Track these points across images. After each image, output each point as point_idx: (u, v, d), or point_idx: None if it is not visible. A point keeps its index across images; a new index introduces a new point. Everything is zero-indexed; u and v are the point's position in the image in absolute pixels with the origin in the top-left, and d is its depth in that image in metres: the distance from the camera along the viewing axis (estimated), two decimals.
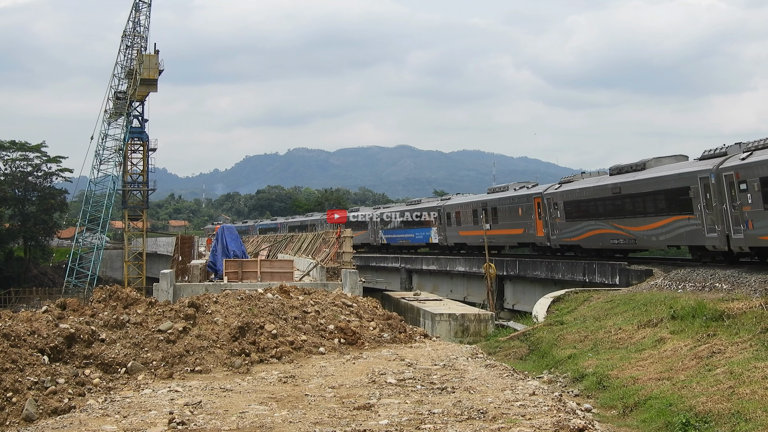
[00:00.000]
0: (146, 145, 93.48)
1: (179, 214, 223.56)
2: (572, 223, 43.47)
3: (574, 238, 43.40)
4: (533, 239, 48.84)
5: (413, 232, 69.20)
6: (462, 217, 58.92)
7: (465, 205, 59.15)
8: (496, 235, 52.25)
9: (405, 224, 71.02)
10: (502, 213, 52.38)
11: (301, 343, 23.81)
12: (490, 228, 50.71)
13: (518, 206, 50.18)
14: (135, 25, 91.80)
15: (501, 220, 52.39)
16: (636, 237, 37.58)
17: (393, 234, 74.18)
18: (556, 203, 45.01)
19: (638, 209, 37.46)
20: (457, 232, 59.61)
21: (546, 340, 24.93)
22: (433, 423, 14.55)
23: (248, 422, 15.07)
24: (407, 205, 74.85)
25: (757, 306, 20.92)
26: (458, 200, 62.81)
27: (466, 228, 58.02)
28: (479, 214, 55.15)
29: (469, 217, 57.69)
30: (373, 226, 77.77)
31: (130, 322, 22.83)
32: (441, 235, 62.49)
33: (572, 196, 43.61)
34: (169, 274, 36.94)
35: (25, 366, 18.05)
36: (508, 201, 52.09)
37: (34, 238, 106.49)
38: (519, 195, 50.74)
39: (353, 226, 75.43)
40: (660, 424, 14.74)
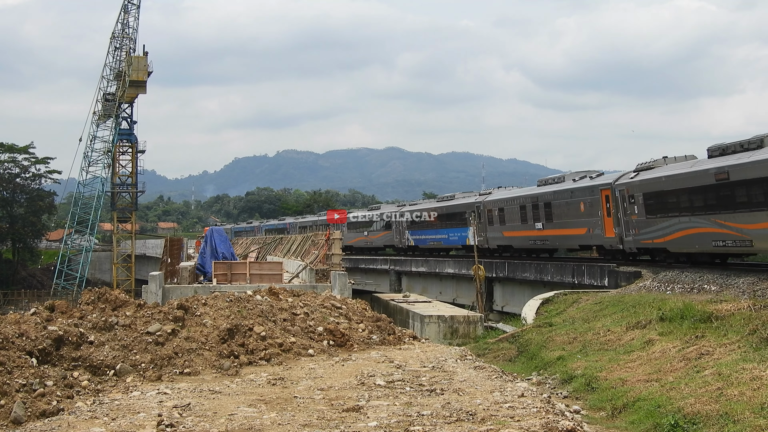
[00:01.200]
0: (135, 146, 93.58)
1: (168, 216, 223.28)
2: (656, 220, 34.96)
3: (658, 239, 35.02)
4: (600, 240, 41.04)
5: (446, 232, 60.74)
6: (507, 215, 50.61)
7: (510, 201, 50.61)
8: (551, 235, 45.45)
9: (436, 223, 62.79)
10: (559, 209, 44.31)
11: (290, 345, 23.77)
12: (542, 227, 45.52)
13: (579, 200, 42.13)
14: (124, 26, 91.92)
15: (557, 217, 44.46)
16: (752, 237, 28.84)
17: (422, 235, 65.54)
18: (632, 196, 36.73)
19: (756, 200, 28.50)
20: (501, 233, 51.61)
21: (535, 341, 24.94)
22: (422, 425, 14.55)
23: (237, 424, 15.05)
24: (437, 202, 67.00)
25: (746, 308, 20.98)
26: (501, 194, 54.07)
27: (512, 227, 50.02)
28: (529, 210, 47.73)
29: (515, 214, 49.52)
30: (398, 226, 69.79)
31: (119, 324, 22.77)
32: (481, 236, 52.86)
33: (656, 185, 35.08)
34: (158, 276, 36.87)
35: (14, 368, 17.98)
36: (566, 194, 43.80)
37: (22, 240, 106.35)
38: (581, 187, 42.60)
39: (374, 228, 74.70)
40: (648, 426, 14.77)
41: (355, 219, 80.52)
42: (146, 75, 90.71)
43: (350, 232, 78.67)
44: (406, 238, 67.99)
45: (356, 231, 79.62)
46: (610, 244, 39.77)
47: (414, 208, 68.85)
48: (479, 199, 55.69)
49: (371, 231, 76.06)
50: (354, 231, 79.70)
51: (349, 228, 79.13)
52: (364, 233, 77.71)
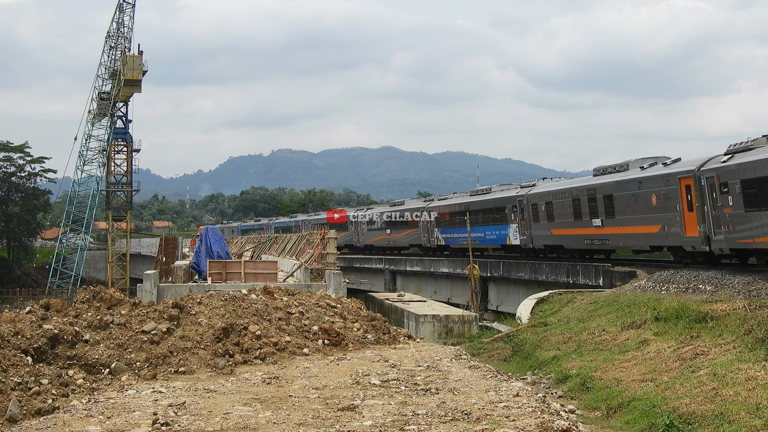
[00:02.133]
0: (130, 145, 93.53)
1: (163, 215, 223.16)
2: (759, 214, 28.12)
3: (761, 237, 28.32)
4: (677, 240, 33.87)
5: (483, 230, 53.42)
6: (556, 210, 43.41)
7: (560, 194, 43.73)
8: (613, 234, 38.64)
9: (471, 220, 52.90)
10: (623, 202, 37.34)
11: (285, 344, 23.78)
12: (601, 224, 39.06)
13: (650, 192, 35.01)
14: (119, 25, 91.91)
15: (620, 212, 37.49)
16: None
17: (453, 233, 58.07)
18: (724, 184, 29.90)
19: None
20: (549, 231, 44.57)
21: (530, 341, 24.95)
22: (417, 424, 14.55)
23: (232, 423, 15.04)
24: (471, 195, 58.68)
25: (741, 308, 20.99)
26: (548, 186, 46.90)
27: (562, 224, 43.05)
28: (584, 204, 40.88)
29: (566, 209, 42.45)
30: (426, 223, 62.42)
31: (114, 323, 22.76)
32: (524, 235, 47.53)
33: (759, 170, 28.02)
34: (153, 275, 36.82)
35: (9, 367, 17.96)
36: (632, 185, 36.78)
37: (17, 238, 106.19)
38: (652, 176, 35.40)
39: (398, 225, 68.86)
40: (643, 426, 14.78)
41: (377, 216, 75.09)
42: (141, 74, 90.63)
43: (370, 231, 75.41)
44: (435, 237, 61.19)
45: (378, 229, 74.12)
46: (692, 245, 32.85)
47: (444, 203, 62.02)
48: (521, 192, 48.57)
49: (395, 229, 69.57)
50: (375, 229, 74.84)
51: (368, 227, 76.04)
52: (387, 231, 71.53)
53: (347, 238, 78.56)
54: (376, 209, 79.82)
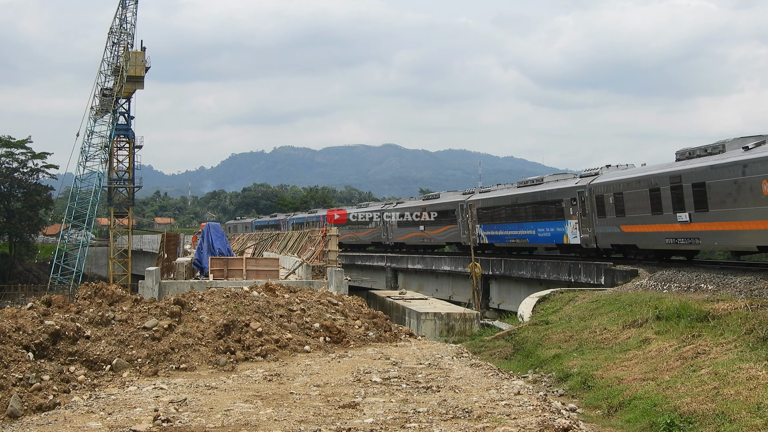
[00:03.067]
0: (132, 142, 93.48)
1: (165, 212, 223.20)
2: None
3: None
4: None
5: (534, 227, 46.63)
6: (628, 202, 36.22)
7: (633, 183, 36.11)
8: (705, 231, 31.80)
9: (519, 215, 48.43)
10: (720, 192, 30.30)
11: (286, 342, 23.78)
12: (689, 219, 32.25)
13: (761, 178, 27.75)
14: (121, 22, 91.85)
15: (716, 204, 30.57)
16: None
17: (499, 230, 51.68)
18: None
19: None
20: (618, 227, 37.29)
21: (531, 339, 24.96)
22: (418, 422, 14.56)
23: (233, 420, 15.06)
24: (519, 187, 50.92)
25: (742, 307, 20.99)
26: (617, 175, 39.15)
27: (635, 220, 35.70)
28: (665, 195, 33.86)
29: (641, 201, 35.17)
30: (466, 219, 54.06)
31: (116, 319, 22.77)
32: (586, 232, 40.84)
33: None
34: (155, 272, 36.83)
35: (10, 362, 17.97)
36: (732, 170, 29.63)
37: (19, 234, 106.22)
38: (764, 157, 27.91)
39: (433, 221, 61.83)
40: (644, 425, 14.78)
41: (407, 210, 68.10)
42: (144, 70, 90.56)
43: (401, 228, 68.25)
44: (477, 235, 53.27)
45: (409, 225, 66.77)
46: None
47: (487, 195, 54.54)
48: (581, 183, 42.20)
49: (429, 225, 62.38)
50: (406, 225, 67.37)
51: (398, 222, 68.88)
52: (420, 228, 64.24)
53: (374, 236, 74.33)
54: (407, 203, 72.65)
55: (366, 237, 76.95)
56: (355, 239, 78.43)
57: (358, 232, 78.21)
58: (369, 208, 79.65)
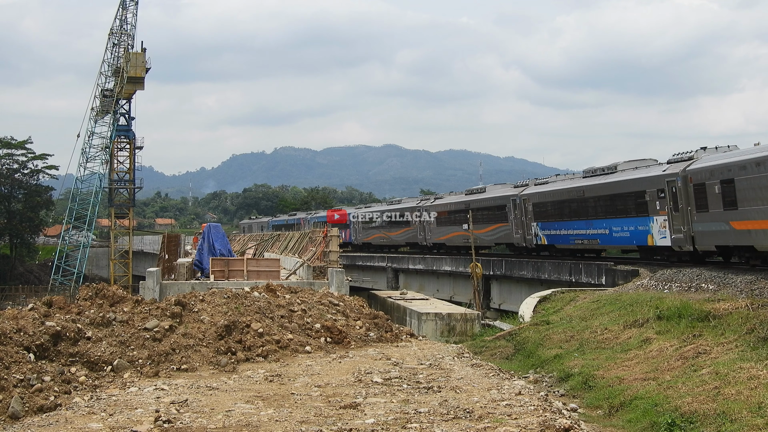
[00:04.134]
0: (133, 143, 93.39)
1: (166, 213, 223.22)
2: None
3: None
4: None
5: (607, 225, 39.08)
6: (741, 192, 29.12)
7: (751, 166, 28.65)
8: None
9: (587, 210, 40.75)
10: None
11: (287, 342, 23.80)
12: None
13: None
14: (122, 23, 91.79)
15: None
16: None
17: (560, 229, 44.12)
18: None
19: None
20: (726, 224, 30.23)
21: (532, 339, 24.96)
22: (419, 422, 14.56)
23: (234, 421, 15.07)
24: (585, 177, 43.09)
25: (743, 307, 20.99)
26: (724, 158, 31.47)
27: (755, 213, 28.52)
28: None
29: (763, 190, 28.02)
30: (520, 215, 47.88)
31: (117, 320, 22.79)
32: (679, 231, 33.68)
33: None
34: (156, 273, 36.85)
35: (11, 364, 17.99)
36: None
37: (19, 235, 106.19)
38: None
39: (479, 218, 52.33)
40: (645, 424, 14.79)
41: (448, 207, 60.07)
42: (144, 71, 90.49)
43: (441, 227, 60.44)
44: (532, 234, 47.00)
45: (449, 224, 59.08)
46: None
47: (545, 188, 46.85)
48: (672, 170, 34.36)
49: (474, 223, 51.18)
50: (447, 224, 59.62)
51: (437, 221, 61.15)
52: (462, 227, 54.25)
53: (409, 236, 67.43)
54: (448, 198, 63.89)
55: (399, 237, 70.30)
56: (387, 240, 72.72)
57: (390, 231, 71.52)
58: (403, 204, 71.76)
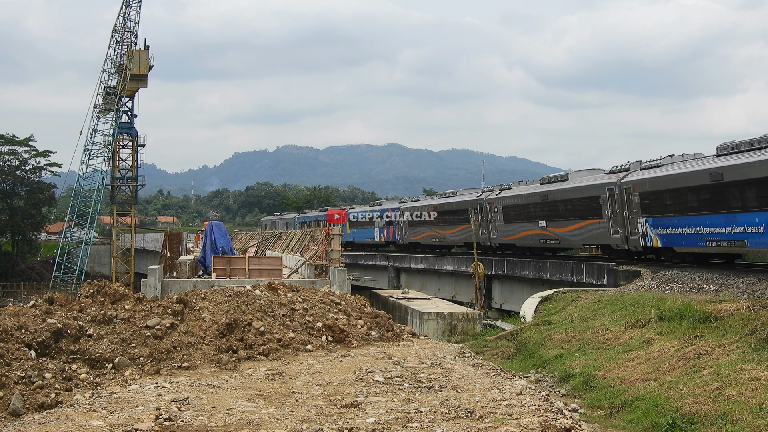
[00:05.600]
0: (135, 140, 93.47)
1: (168, 210, 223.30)
2: None
3: None
4: None
5: (745, 221, 29.30)
6: None
7: None
8: None
9: (724, 201, 30.63)
10: None
11: (288, 341, 23.79)
12: None
13: None
14: (125, 20, 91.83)
15: None
16: None
17: (685, 226, 33.23)
18: None
19: None
20: None
21: (533, 339, 24.95)
22: (421, 421, 14.55)
23: (235, 419, 15.06)
24: (721, 156, 31.82)
25: (745, 308, 20.98)
26: None
27: None
28: None
29: None
30: (620, 207, 37.63)
31: (118, 318, 22.79)
32: None
33: None
34: (157, 270, 36.86)
35: (12, 360, 17.99)
36: None
37: (21, 232, 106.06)
38: None
39: (562, 213, 44.15)
40: (646, 425, 14.78)
41: (519, 199, 49.90)
42: (147, 69, 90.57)
43: (508, 224, 50.70)
44: (638, 233, 36.32)
45: (521, 220, 49.19)
46: None
47: (657, 173, 35.47)
48: None
49: (555, 219, 44.94)
50: (519, 220, 49.56)
51: (505, 216, 50.91)
52: (539, 224, 46.32)
53: (468, 234, 53.79)
54: (517, 189, 52.57)
55: (455, 236, 59.23)
56: (440, 239, 61.67)
57: (444, 229, 60.90)
58: (460, 197, 60.07)
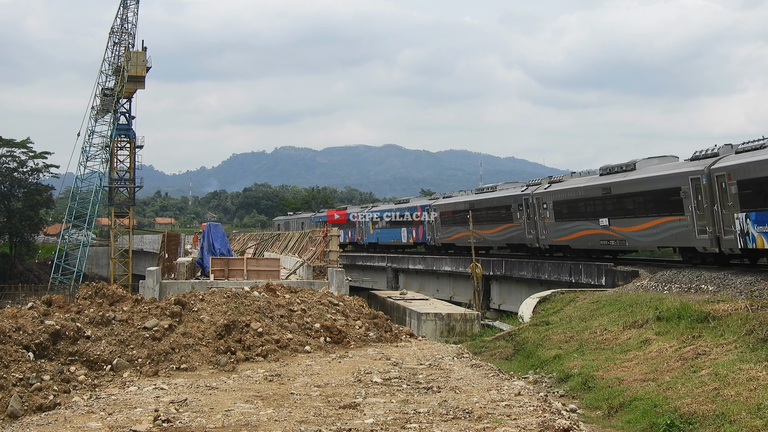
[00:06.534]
0: (133, 142, 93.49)
1: (166, 212, 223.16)
2: None
3: None
4: None
5: None
6: None
7: None
8: None
9: None
10: None
11: (287, 342, 23.78)
12: None
13: None
14: (123, 21, 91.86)
15: None
16: None
17: None
18: None
19: None
20: None
21: (532, 340, 24.94)
22: (419, 422, 14.55)
23: (234, 420, 15.05)
24: None
25: (743, 308, 20.97)
26: None
27: None
28: None
29: None
30: (707, 201, 31.21)
31: (116, 320, 22.77)
32: None
33: None
34: (156, 272, 36.86)
35: (10, 362, 17.97)
36: None
37: (19, 234, 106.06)
38: None
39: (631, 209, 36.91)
40: (645, 425, 14.77)
41: (570, 193, 42.59)
42: (145, 70, 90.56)
43: (560, 222, 43.36)
44: (734, 232, 29.91)
45: (577, 218, 41.53)
46: None
47: (758, 158, 28.67)
48: None
49: (624, 216, 37.39)
50: (571, 218, 42.26)
51: (557, 213, 43.56)
52: (600, 222, 39.00)
53: (512, 234, 49.04)
54: (570, 181, 44.59)
55: (497, 236, 51.89)
56: (478, 239, 51.47)
57: (483, 228, 52.37)
58: (502, 192, 52.54)
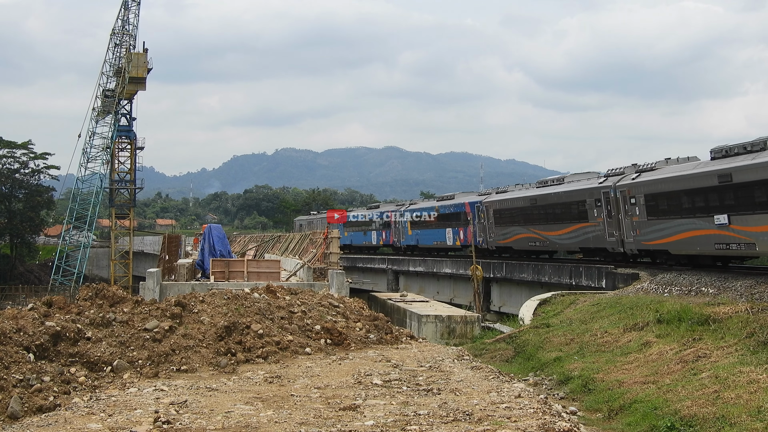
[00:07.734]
0: (134, 143, 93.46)
1: (166, 213, 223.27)
2: None
3: None
4: None
5: None
6: None
7: None
8: None
9: None
10: None
11: (287, 344, 23.77)
12: None
13: None
14: (124, 23, 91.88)
15: None
16: None
17: None
18: None
19: None
20: None
21: (532, 342, 24.94)
22: (419, 424, 14.54)
23: (234, 422, 15.04)
24: None
25: (743, 310, 20.97)
26: None
27: None
28: None
29: None
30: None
31: (117, 321, 22.76)
32: None
33: None
34: (156, 273, 36.84)
35: (11, 363, 17.96)
36: None
37: (20, 235, 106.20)
38: None
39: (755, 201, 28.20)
40: (645, 428, 14.77)
41: (671, 183, 33.91)
42: (146, 72, 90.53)
43: (653, 221, 35.09)
44: None
45: (680, 215, 33.15)
46: None
47: None
48: None
49: (740, 212, 29.19)
50: (669, 216, 33.91)
51: (648, 209, 35.37)
52: (715, 220, 30.36)
53: (587, 236, 41.14)
54: (667, 169, 35.51)
55: (566, 238, 43.83)
56: (542, 242, 46.11)
57: (547, 229, 45.42)
58: (570, 185, 44.48)
